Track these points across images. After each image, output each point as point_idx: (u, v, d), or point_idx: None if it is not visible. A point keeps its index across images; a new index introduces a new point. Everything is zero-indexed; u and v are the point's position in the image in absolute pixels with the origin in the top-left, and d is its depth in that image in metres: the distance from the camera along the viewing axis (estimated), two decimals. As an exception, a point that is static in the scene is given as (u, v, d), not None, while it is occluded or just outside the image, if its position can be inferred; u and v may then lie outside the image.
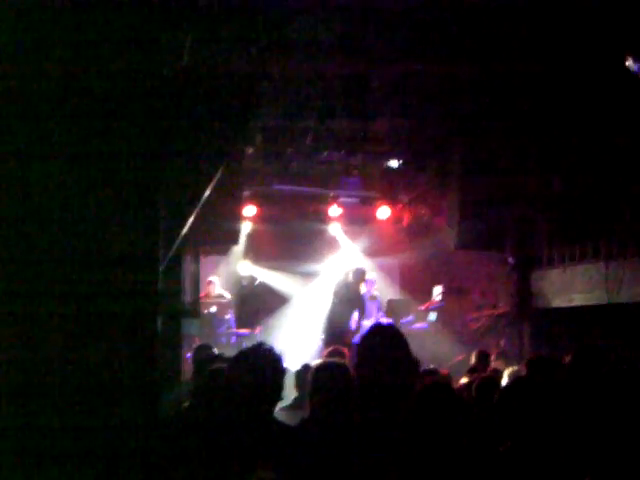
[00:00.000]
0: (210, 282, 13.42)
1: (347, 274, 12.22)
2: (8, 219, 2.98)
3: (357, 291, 12.08)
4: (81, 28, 3.06)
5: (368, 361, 3.48)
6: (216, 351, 6.98)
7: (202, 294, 13.15)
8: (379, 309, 13.33)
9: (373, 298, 13.36)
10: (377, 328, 3.66)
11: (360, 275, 12.18)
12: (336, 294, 11.97)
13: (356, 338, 11.23)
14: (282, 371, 3.61)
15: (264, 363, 3.55)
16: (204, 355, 6.67)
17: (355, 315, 12.16)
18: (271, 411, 3.60)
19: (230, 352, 6.96)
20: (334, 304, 11.86)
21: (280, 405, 5.68)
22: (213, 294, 13.34)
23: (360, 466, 3.23)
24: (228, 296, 13.62)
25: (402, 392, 3.48)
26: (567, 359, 5.39)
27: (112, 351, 3.01)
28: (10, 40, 3.08)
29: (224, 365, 4.23)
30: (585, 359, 5.14)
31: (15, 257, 2.99)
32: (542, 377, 5.22)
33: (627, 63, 7.69)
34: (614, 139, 9.98)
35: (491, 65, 9.11)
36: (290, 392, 6.70)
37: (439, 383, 3.88)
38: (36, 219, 3.01)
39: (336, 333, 11.30)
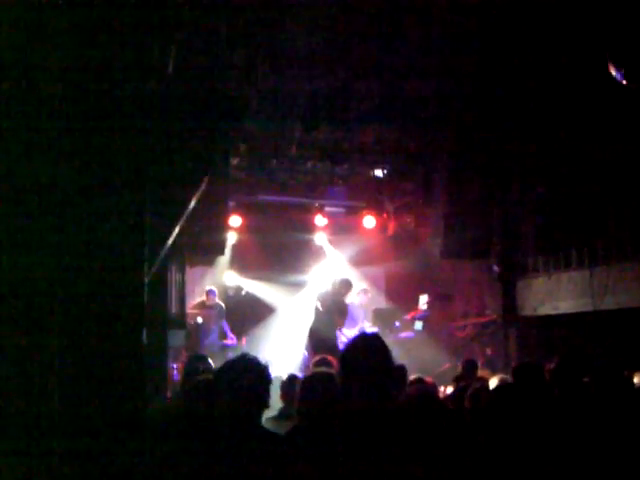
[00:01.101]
0: (210, 291, 13.36)
1: (333, 284, 12.21)
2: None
3: (342, 301, 12.08)
4: (66, 33, 3.05)
5: (351, 371, 3.48)
6: (212, 363, 6.87)
7: (193, 303, 13.13)
8: (365, 317, 13.32)
9: (361, 307, 13.36)
10: (360, 338, 3.67)
11: (345, 285, 12.18)
12: (321, 304, 11.96)
13: (341, 347, 11.22)
14: (268, 380, 3.63)
15: (250, 372, 3.56)
16: (194, 367, 6.55)
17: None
18: (258, 419, 3.59)
19: (216, 363, 6.88)
20: (319, 313, 11.85)
21: (266, 416, 5.68)
22: (211, 303, 13.28)
23: (349, 476, 3.22)
24: (223, 305, 13.56)
25: (386, 402, 3.48)
26: (551, 366, 5.41)
27: (99, 361, 3.00)
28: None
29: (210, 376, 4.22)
30: (568, 367, 5.16)
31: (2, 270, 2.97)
32: (528, 385, 5.23)
33: (610, 71, 7.75)
34: (598, 147, 10.04)
35: (475, 74, 9.17)
36: (276, 403, 6.68)
37: (425, 393, 3.89)
38: (26, 229, 2.99)
39: (322, 343, 11.27)
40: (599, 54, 7.92)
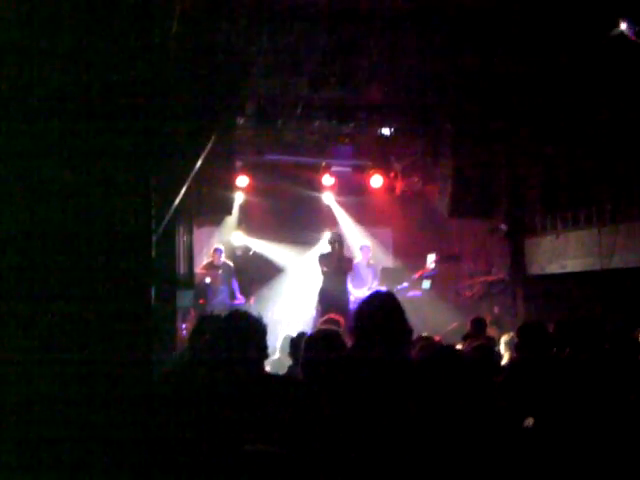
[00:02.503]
0: (217, 250, 13.35)
1: (331, 243, 12.19)
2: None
3: (342, 255, 12.08)
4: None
5: (365, 328, 3.49)
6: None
7: (202, 264, 13.16)
8: (374, 277, 13.34)
9: (369, 266, 13.37)
10: (375, 295, 3.67)
11: (337, 238, 12.16)
12: (324, 264, 11.98)
13: (354, 304, 11.25)
14: (262, 329, 3.79)
15: (244, 324, 3.73)
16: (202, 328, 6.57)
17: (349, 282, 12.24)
18: (261, 367, 3.77)
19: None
20: (326, 274, 11.87)
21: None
22: (218, 262, 13.29)
23: (355, 433, 3.25)
24: (231, 265, 13.57)
25: (397, 359, 3.49)
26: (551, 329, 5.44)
27: (106, 323, 3.01)
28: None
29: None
30: (568, 331, 5.17)
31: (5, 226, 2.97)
32: (534, 344, 5.25)
33: (621, 27, 7.65)
34: (608, 104, 9.96)
35: (483, 30, 9.06)
36: (287, 361, 6.71)
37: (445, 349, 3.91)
38: (26, 188, 2.98)
39: (332, 303, 11.30)
40: (609, 11, 7.81)
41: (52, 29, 3.03)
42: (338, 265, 11.82)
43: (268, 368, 5.76)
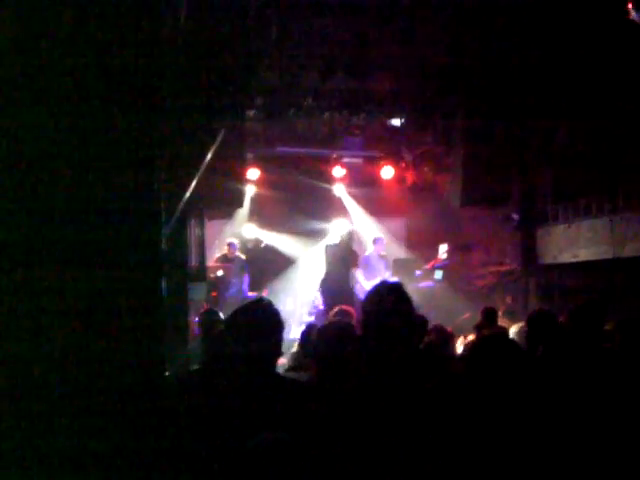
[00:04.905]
0: (230, 244, 13.42)
1: (341, 236, 12.24)
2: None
3: (349, 250, 12.13)
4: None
5: (373, 318, 3.48)
6: (222, 316, 6.97)
7: (215, 257, 13.22)
8: (387, 268, 13.34)
9: (381, 257, 13.38)
10: (382, 286, 3.66)
11: (347, 234, 12.23)
12: (330, 254, 12.02)
13: (361, 296, 11.27)
14: (280, 325, 3.60)
15: (262, 317, 3.56)
16: (211, 320, 6.65)
17: (356, 273, 12.32)
18: (273, 366, 3.61)
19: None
20: (329, 264, 11.92)
21: (284, 366, 5.70)
22: (232, 256, 13.35)
23: (369, 427, 3.25)
24: (244, 258, 13.62)
25: (407, 350, 3.49)
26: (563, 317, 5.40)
27: (117, 317, 3.02)
28: None
29: None
30: (583, 316, 5.13)
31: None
32: (544, 334, 5.22)
33: (631, 14, 7.60)
34: (620, 94, 9.89)
35: (493, 18, 9.02)
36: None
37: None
38: (29, 178, 2.99)
39: (335, 295, 11.35)
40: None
41: (56, 27, 3.03)
42: (343, 257, 11.87)
43: (284, 360, 5.76)
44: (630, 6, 7.53)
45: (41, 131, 2.93)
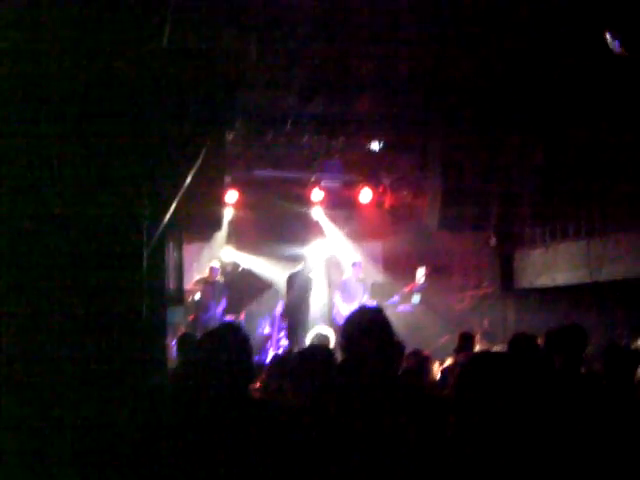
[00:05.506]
0: (213, 268, 13.41)
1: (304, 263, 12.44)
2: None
3: (308, 278, 12.29)
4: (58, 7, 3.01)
5: (352, 343, 3.46)
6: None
7: (195, 279, 13.19)
8: (364, 292, 13.35)
9: (359, 281, 13.40)
10: (361, 311, 3.64)
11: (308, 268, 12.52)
12: (290, 284, 12.17)
13: (341, 320, 11.29)
14: (248, 349, 3.55)
15: (230, 342, 3.51)
16: (188, 343, 6.63)
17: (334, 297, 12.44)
18: (244, 389, 3.55)
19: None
20: (290, 292, 12.06)
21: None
22: (213, 280, 13.34)
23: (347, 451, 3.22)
24: (222, 282, 13.61)
25: (386, 374, 3.47)
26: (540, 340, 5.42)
27: (97, 340, 2.99)
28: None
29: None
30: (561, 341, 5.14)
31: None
32: (523, 355, 5.23)
33: (608, 41, 7.70)
34: (596, 117, 10.00)
35: (472, 43, 9.10)
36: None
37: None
38: (23, 213, 2.97)
39: (294, 321, 11.51)
40: (598, 22, 7.86)
41: (49, 32, 3.02)
42: (300, 285, 12.07)
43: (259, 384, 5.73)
44: (608, 35, 7.63)
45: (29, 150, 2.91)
